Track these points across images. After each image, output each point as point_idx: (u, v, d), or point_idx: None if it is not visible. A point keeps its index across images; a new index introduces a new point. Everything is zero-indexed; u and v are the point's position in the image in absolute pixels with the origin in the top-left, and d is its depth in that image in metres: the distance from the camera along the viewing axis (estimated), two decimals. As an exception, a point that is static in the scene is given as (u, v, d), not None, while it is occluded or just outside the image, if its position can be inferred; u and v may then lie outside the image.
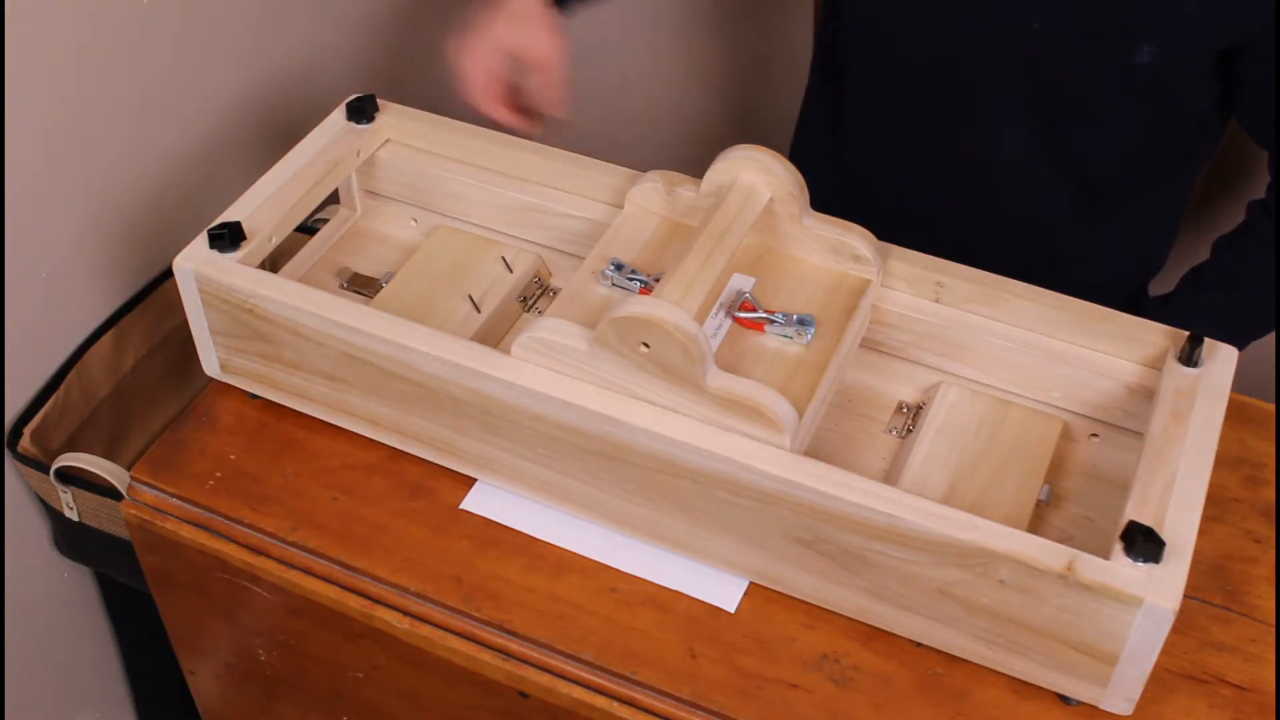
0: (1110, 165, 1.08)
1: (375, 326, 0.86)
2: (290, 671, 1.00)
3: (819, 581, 0.83)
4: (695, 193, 0.93)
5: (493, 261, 1.01)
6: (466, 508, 0.92)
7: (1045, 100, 1.04)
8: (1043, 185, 1.11)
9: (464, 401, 0.86)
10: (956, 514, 0.76)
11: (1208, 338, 0.86)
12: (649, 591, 0.87)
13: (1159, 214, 1.16)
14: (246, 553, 0.91)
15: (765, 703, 0.81)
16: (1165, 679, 0.82)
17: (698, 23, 1.67)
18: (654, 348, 0.79)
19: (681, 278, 0.83)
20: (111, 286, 1.16)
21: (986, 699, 0.81)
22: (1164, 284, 1.22)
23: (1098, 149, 1.07)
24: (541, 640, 0.85)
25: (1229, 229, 1.13)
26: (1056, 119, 1.05)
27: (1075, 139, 1.06)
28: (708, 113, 1.75)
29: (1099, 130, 1.05)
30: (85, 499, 1.09)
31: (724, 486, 0.81)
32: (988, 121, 1.08)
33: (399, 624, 0.87)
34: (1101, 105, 1.02)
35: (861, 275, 0.92)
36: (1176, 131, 1.06)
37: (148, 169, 1.15)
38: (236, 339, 0.93)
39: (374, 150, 1.03)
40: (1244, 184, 1.36)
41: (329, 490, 0.93)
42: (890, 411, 0.94)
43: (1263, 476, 0.94)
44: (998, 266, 0.91)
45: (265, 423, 0.97)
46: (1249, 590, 0.87)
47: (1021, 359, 0.91)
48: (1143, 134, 1.05)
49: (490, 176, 1.02)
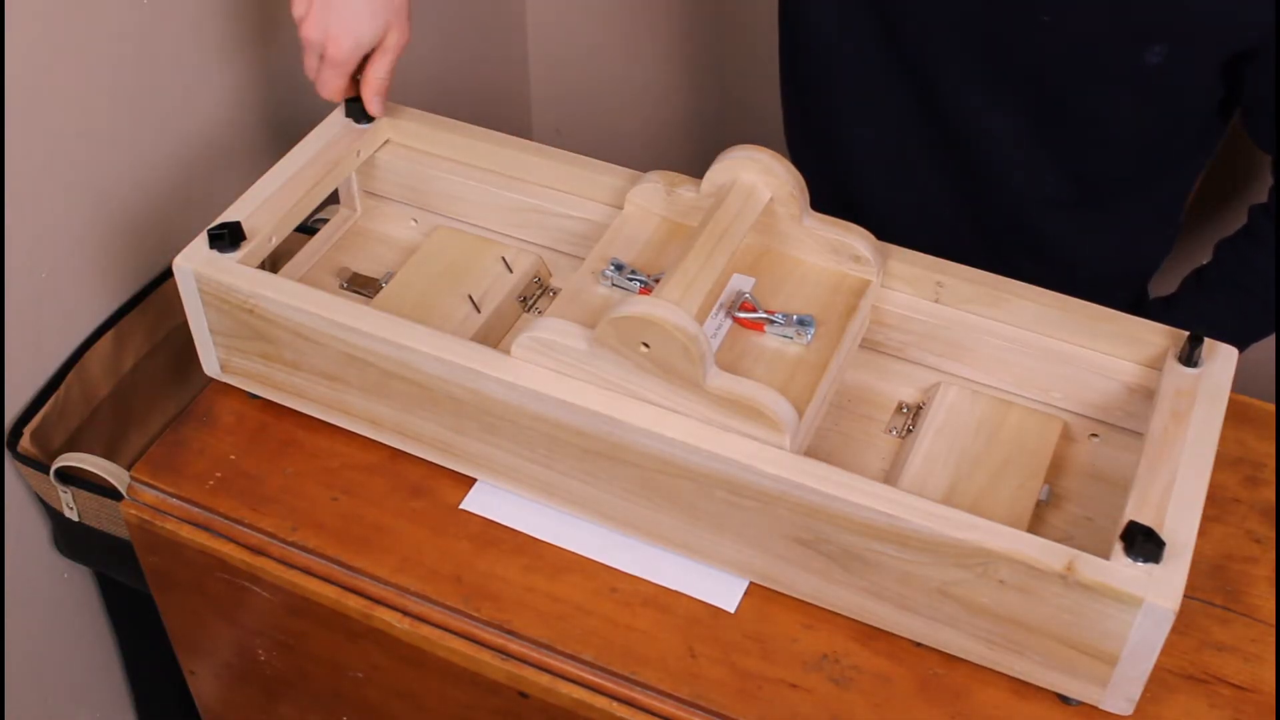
0: (1110, 163, 1.08)
1: (375, 326, 0.86)
2: (290, 671, 1.00)
3: (819, 581, 0.83)
4: (695, 193, 0.93)
5: (493, 261, 1.01)
6: (466, 508, 0.92)
7: (1046, 96, 1.04)
8: (1041, 182, 1.11)
9: (464, 401, 0.86)
10: (956, 514, 0.76)
11: (1208, 338, 0.86)
12: (649, 591, 0.87)
13: (1158, 213, 1.16)
14: (246, 553, 0.91)
15: (765, 703, 0.81)
16: (1165, 679, 0.82)
17: (698, 23, 1.67)
18: (654, 348, 0.79)
19: (681, 278, 0.83)
20: (111, 286, 1.16)
21: (986, 699, 0.81)
22: (1164, 284, 1.22)
23: (1098, 147, 1.06)
24: (541, 640, 0.85)
25: (1230, 231, 1.13)
26: (1057, 116, 1.05)
27: (1076, 136, 1.06)
28: (708, 113, 1.75)
29: (1101, 128, 1.05)
30: (85, 499, 1.09)
31: (724, 486, 0.81)
32: (986, 115, 1.07)
33: (399, 624, 0.87)
34: (1105, 104, 1.02)
35: (861, 275, 0.92)
36: (1177, 132, 1.06)
37: (148, 169, 1.15)
38: (236, 339, 0.93)
39: (374, 150, 1.03)
40: (1245, 185, 1.36)
41: (329, 490, 0.93)
42: (890, 411, 0.94)
43: (1263, 476, 0.94)
44: (994, 265, 0.91)
45: (265, 423, 0.97)
46: (1249, 590, 0.87)
47: (1021, 359, 0.91)
48: (1145, 134, 1.05)
49: (490, 177, 1.02)
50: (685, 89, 1.74)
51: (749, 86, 1.67)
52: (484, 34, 1.68)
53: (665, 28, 1.69)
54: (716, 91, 1.72)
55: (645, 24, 1.70)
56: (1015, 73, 1.03)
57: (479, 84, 1.70)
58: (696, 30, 1.68)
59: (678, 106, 1.76)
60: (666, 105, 1.77)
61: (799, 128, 1.24)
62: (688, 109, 1.76)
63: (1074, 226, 1.14)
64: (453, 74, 1.62)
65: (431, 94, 1.58)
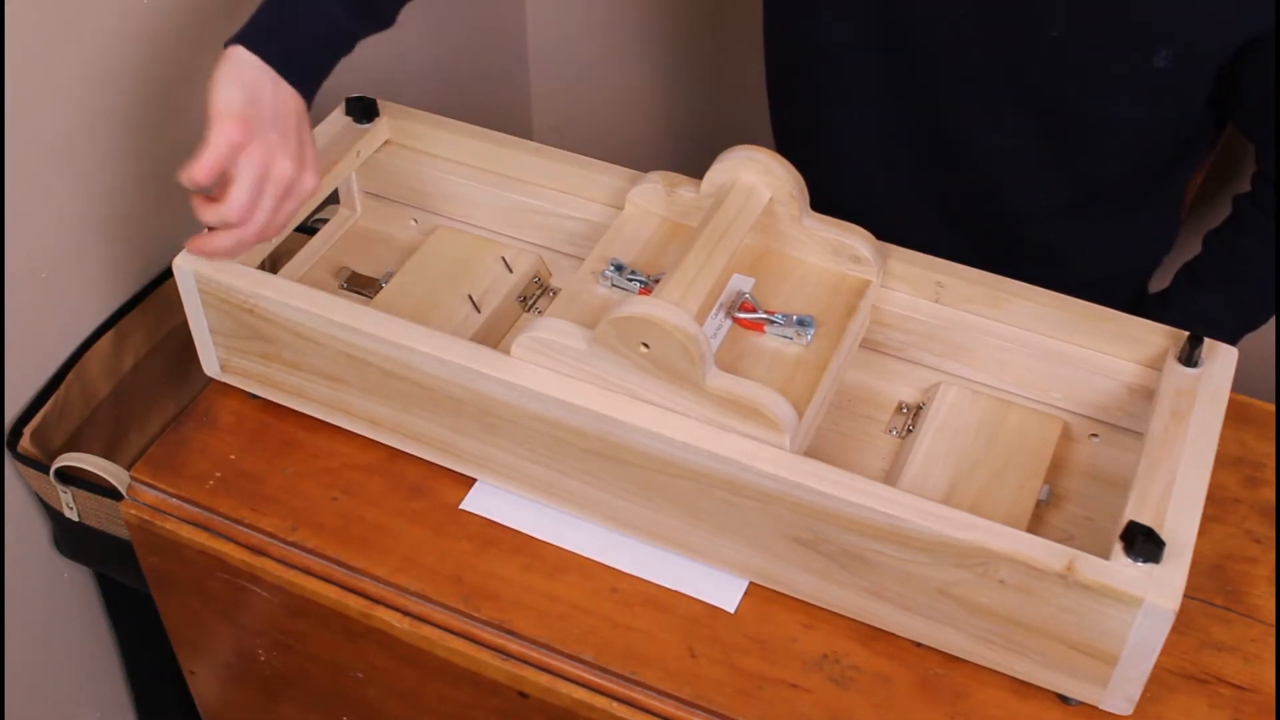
0: (1112, 166, 1.08)
1: (375, 326, 0.86)
2: (290, 671, 1.00)
3: (819, 581, 0.83)
4: (695, 193, 0.93)
5: (493, 261, 1.01)
6: (466, 508, 0.92)
7: (1050, 105, 1.04)
8: (1041, 191, 1.10)
9: (464, 401, 0.86)
10: (956, 514, 0.76)
11: (1208, 337, 0.86)
12: (649, 591, 0.87)
13: (1158, 212, 1.16)
14: (246, 553, 0.91)
15: (765, 703, 0.81)
16: (1165, 679, 0.82)
17: (698, 23, 1.67)
18: (654, 348, 0.79)
19: (681, 278, 0.83)
20: (111, 286, 1.16)
21: (986, 699, 0.81)
22: (1163, 281, 1.22)
23: (1101, 151, 1.06)
24: (541, 640, 0.85)
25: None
26: (1061, 127, 1.05)
27: (1079, 145, 1.06)
28: (708, 113, 1.75)
29: (1104, 133, 1.04)
30: (85, 499, 1.09)
31: (724, 486, 0.81)
32: (991, 125, 1.07)
33: (399, 624, 0.87)
34: (1110, 109, 1.02)
35: (861, 276, 0.92)
36: (1178, 131, 1.06)
37: (148, 169, 1.15)
38: (236, 339, 0.93)
39: (374, 151, 1.03)
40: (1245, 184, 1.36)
41: (329, 490, 0.93)
42: (890, 411, 0.94)
43: (1263, 476, 0.94)
44: (992, 269, 0.91)
45: (265, 423, 0.97)
46: (1249, 590, 0.87)
47: (1021, 359, 0.91)
48: (1149, 135, 1.05)
49: (490, 177, 1.02)
50: (685, 89, 1.74)
51: (749, 86, 1.67)
52: (484, 34, 1.68)
53: (665, 28, 1.69)
54: (716, 92, 1.72)
55: (645, 24, 1.70)
56: (1020, 89, 1.03)
57: (479, 84, 1.70)
58: (697, 30, 1.68)
59: (678, 106, 1.76)
60: (666, 105, 1.77)
61: (788, 136, 1.23)
62: (688, 109, 1.76)
63: (1073, 231, 1.14)
64: (453, 74, 1.62)
65: (431, 94, 1.58)
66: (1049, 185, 1.10)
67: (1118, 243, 1.16)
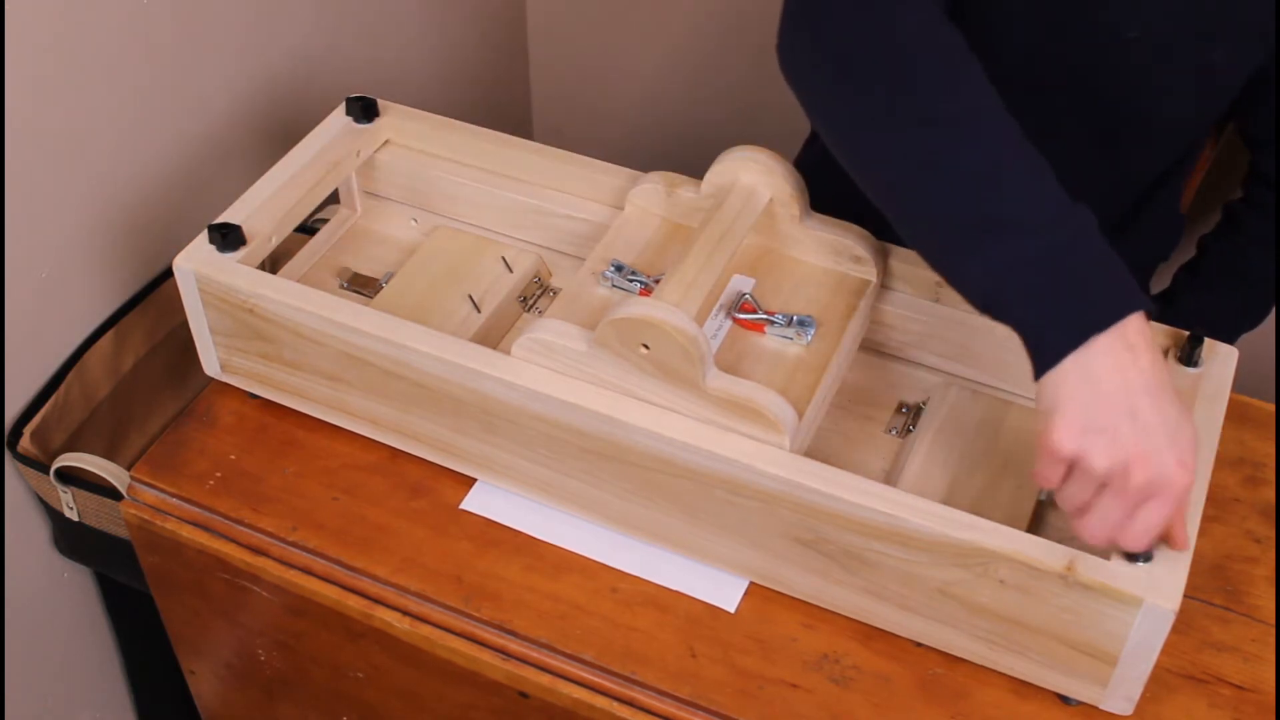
0: (1146, 166, 1.07)
1: (375, 326, 0.86)
2: (290, 671, 1.00)
3: (819, 581, 0.83)
4: (695, 194, 0.93)
5: (493, 261, 1.01)
6: (466, 508, 0.92)
7: (1108, 109, 1.02)
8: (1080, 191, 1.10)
9: (464, 402, 0.86)
10: (956, 514, 0.76)
11: (1208, 338, 0.86)
12: (649, 591, 0.87)
13: (1160, 211, 1.16)
14: (246, 553, 0.91)
15: (765, 703, 0.81)
16: (1165, 679, 0.82)
17: (699, 23, 1.67)
18: (654, 349, 0.79)
19: (681, 279, 0.83)
20: (111, 286, 1.16)
21: (986, 699, 0.81)
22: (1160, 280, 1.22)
23: (1143, 152, 1.06)
24: (541, 640, 0.85)
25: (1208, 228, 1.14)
26: (1113, 125, 1.04)
27: (1127, 145, 1.05)
28: (708, 113, 1.75)
29: (1149, 133, 1.04)
30: (85, 499, 1.09)
31: (724, 486, 0.81)
32: (1047, 136, 1.06)
33: (399, 624, 0.87)
34: (1163, 107, 1.01)
35: (861, 276, 0.92)
36: (1205, 131, 1.06)
37: (148, 169, 1.15)
38: (236, 339, 0.93)
39: (374, 150, 1.03)
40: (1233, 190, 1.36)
41: (329, 490, 0.93)
42: (890, 411, 0.94)
43: (1263, 476, 0.94)
44: None
45: (265, 423, 0.97)
46: (1249, 590, 0.87)
47: (1021, 359, 0.90)
48: (1183, 134, 1.04)
49: (490, 177, 1.02)
50: (686, 89, 1.74)
51: (750, 86, 1.67)
52: (484, 34, 1.68)
53: (666, 28, 1.69)
54: (717, 91, 1.72)
55: (645, 24, 1.70)
56: (1084, 96, 1.01)
57: (479, 84, 1.70)
58: (697, 30, 1.68)
59: (678, 106, 1.76)
60: (666, 105, 1.77)
61: None
62: (688, 109, 1.76)
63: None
64: (453, 74, 1.62)
65: (431, 94, 1.58)
66: (1085, 188, 1.09)
67: (1119, 242, 1.16)
